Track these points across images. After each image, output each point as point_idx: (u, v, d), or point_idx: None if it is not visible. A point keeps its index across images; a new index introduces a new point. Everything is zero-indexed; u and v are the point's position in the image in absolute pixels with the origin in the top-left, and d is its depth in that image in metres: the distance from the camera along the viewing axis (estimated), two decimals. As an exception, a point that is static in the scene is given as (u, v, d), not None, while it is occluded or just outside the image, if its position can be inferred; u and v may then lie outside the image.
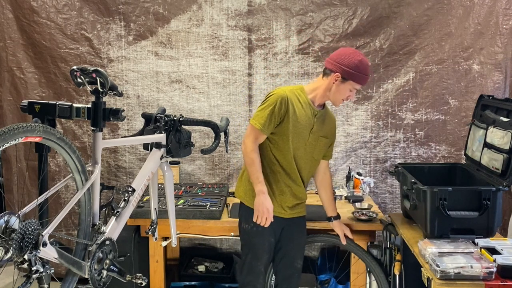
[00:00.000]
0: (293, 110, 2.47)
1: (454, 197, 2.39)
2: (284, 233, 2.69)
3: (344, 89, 2.47)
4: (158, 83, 3.77)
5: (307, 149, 2.57)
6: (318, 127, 2.58)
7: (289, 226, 2.69)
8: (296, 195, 2.63)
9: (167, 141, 2.18)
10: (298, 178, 2.60)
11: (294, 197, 2.62)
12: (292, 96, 2.50)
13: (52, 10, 3.66)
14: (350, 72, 2.43)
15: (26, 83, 3.73)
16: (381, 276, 2.87)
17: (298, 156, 2.57)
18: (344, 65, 2.43)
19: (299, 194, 2.64)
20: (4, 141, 1.26)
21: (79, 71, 1.66)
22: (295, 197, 2.63)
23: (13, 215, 1.35)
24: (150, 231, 2.32)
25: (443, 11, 3.54)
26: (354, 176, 3.58)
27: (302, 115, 2.50)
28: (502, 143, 2.53)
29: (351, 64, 2.43)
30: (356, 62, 2.43)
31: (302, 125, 2.51)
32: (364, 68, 2.45)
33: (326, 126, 2.64)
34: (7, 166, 3.83)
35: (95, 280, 1.72)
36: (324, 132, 2.63)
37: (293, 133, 2.50)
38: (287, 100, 2.46)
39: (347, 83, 2.45)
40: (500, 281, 2.07)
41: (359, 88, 2.54)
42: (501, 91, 3.56)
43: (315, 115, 2.55)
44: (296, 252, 2.74)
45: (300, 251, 2.77)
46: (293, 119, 2.47)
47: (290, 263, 2.73)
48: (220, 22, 3.69)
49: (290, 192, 2.61)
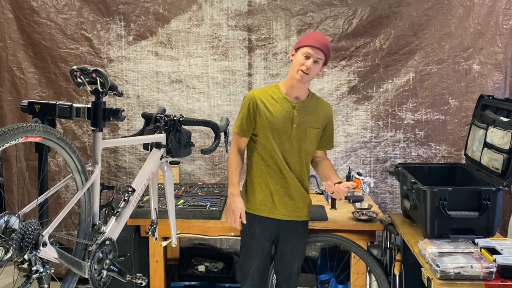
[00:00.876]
0: (264, 107, 2.52)
1: (454, 197, 2.39)
2: (281, 235, 2.65)
3: (298, 58, 2.45)
4: (158, 83, 3.77)
5: (293, 142, 2.53)
6: (301, 119, 2.53)
7: (287, 229, 2.64)
8: (291, 195, 2.59)
9: (167, 141, 2.18)
10: (289, 174, 2.56)
11: (289, 197, 2.59)
12: (262, 95, 2.56)
13: (52, 10, 3.66)
14: (298, 42, 2.51)
15: (26, 83, 3.73)
16: (381, 276, 2.87)
17: (285, 150, 2.54)
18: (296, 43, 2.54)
19: (294, 192, 2.59)
20: (4, 141, 1.26)
21: (79, 71, 1.65)
22: (290, 197, 2.59)
23: (13, 215, 1.35)
24: (150, 231, 2.32)
25: (443, 11, 3.54)
26: (354, 176, 3.57)
27: (278, 110, 2.51)
28: (502, 143, 2.53)
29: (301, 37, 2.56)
30: (305, 34, 2.55)
31: (279, 120, 2.51)
32: (309, 33, 2.53)
33: (313, 116, 2.57)
34: (7, 166, 3.83)
35: (95, 280, 1.72)
36: (312, 123, 2.56)
37: (272, 130, 2.51)
38: (255, 99, 2.54)
39: (298, 52, 2.46)
40: (500, 281, 2.07)
41: (312, 53, 2.41)
42: (501, 91, 3.56)
43: (294, 107, 2.53)
44: (294, 255, 2.69)
45: (298, 254, 2.71)
46: (267, 116, 2.50)
47: (287, 265, 2.70)
48: (220, 22, 3.69)
49: (283, 192, 2.58)
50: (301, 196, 2.63)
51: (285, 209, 2.60)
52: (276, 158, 2.54)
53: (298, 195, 2.61)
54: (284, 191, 2.58)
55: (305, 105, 2.56)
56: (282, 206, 2.59)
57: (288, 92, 2.55)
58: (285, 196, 2.59)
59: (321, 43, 2.42)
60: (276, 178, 2.57)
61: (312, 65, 2.41)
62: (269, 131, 2.51)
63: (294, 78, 2.47)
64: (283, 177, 2.56)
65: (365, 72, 3.66)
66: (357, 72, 3.66)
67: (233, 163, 2.61)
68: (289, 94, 2.55)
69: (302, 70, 2.42)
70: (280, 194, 2.58)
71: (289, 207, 2.60)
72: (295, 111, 2.52)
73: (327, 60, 2.50)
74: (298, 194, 2.61)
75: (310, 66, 2.41)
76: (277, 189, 2.57)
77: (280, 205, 2.59)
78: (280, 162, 2.54)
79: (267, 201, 2.58)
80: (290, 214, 2.61)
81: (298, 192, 2.61)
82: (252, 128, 2.56)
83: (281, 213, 2.60)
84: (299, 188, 2.60)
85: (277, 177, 2.57)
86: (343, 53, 3.65)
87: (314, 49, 2.41)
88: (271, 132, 2.52)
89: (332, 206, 3.30)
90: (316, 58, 2.42)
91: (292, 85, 2.52)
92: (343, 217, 3.12)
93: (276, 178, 2.57)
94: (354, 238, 3.01)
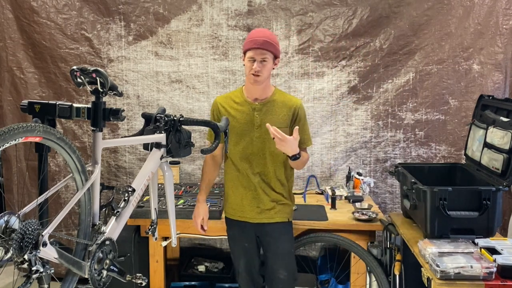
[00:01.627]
0: (225, 112, 2.55)
1: (454, 197, 2.39)
2: (262, 241, 2.65)
3: (246, 63, 2.47)
4: (158, 83, 3.77)
5: (257, 145, 2.53)
6: (263, 120, 2.50)
7: (266, 233, 2.62)
8: (259, 198, 2.57)
9: (167, 141, 2.17)
10: (256, 178, 2.55)
11: (257, 200, 2.57)
12: (224, 100, 2.61)
13: (52, 10, 3.66)
14: (243, 46, 2.51)
15: (26, 83, 3.73)
16: (381, 276, 2.87)
17: (250, 153, 2.55)
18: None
19: (263, 195, 2.57)
20: (4, 141, 1.26)
21: (79, 71, 1.65)
22: (258, 200, 2.57)
23: (13, 215, 1.35)
24: (150, 231, 2.31)
25: (443, 11, 3.54)
26: (354, 176, 3.58)
27: (239, 114, 2.54)
28: (502, 143, 2.53)
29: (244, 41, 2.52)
30: (247, 36, 2.51)
31: (241, 123, 2.53)
32: (249, 35, 2.49)
33: (276, 116, 2.53)
34: (7, 166, 3.83)
35: (95, 280, 1.71)
36: (275, 122, 2.47)
37: (234, 134, 2.53)
38: (217, 105, 2.61)
39: (246, 56, 2.46)
40: (500, 281, 2.07)
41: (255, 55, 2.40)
42: (501, 91, 3.56)
43: (254, 108, 2.54)
44: (277, 262, 2.62)
45: (282, 261, 2.63)
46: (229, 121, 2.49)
47: (272, 273, 2.65)
48: (220, 22, 3.69)
49: (251, 195, 2.58)
50: (271, 198, 2.59)
51: (254, 212, 2.59)
52: (243, 162, 2.56)
53: (266, 198, 2.58)
54: (252, 194, 2.58)
55: (267, 105, 2.55)
56: (251, 210, 2.59)
57: (249, 94, 2.57)
58: (253, 200, 2.58)
59: (260, 43, 2.39)
60: (243, 181, 2.59)
61: (260, 66, 2.41)
62: (233, 135, 2.52)
63: (249, 82, 2.49)
64: (249, 180, 2.57)
65: (365, 72, 3.66)
66: (357, 72, 3.66)
67: (203, 170, 2.73)
68: (250, 96, 2.57)
69: (253, 74, 2.42)
70: (248, 197, 2.59)
71: (258, 210, 2.59)
72: (255, 113, 2.53)
73: (276, 53, 2.46)
74: (266, 197, 2.58)
75: (258, 68, 2.40)
76: (245, 192, 2.59)
77: (249, 208, 2.59)
78: (247, 165, 2.56)
79: (237, 204, 2.62)
80: (260, 216, 2.60)
81: (267, 195, 2.58)
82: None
83: (251, 217, 2.61)
84: (268, 190, 2.58)
85: (245, 181, 2.59)
86: (343, 53, 3.65)
87: (256, 51, 2.40)
88: (234, 136, 2.53)
89: (332, 206, 3.30)
90: (261, 59, 2.41)
91: (250, 89, 2.55)
92: (343, 217, 3.12)
93: (244, 181, 2.59)
94: (354, 238, 3.01)
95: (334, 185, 3.76)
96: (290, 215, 2.67)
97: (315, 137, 3.73)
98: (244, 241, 2.66)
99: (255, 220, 2.60)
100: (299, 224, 2.99)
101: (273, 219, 2.61)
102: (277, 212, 2.61)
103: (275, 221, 2.61)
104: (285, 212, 2.64)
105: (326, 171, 3.79)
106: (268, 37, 2.43)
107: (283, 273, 2.63)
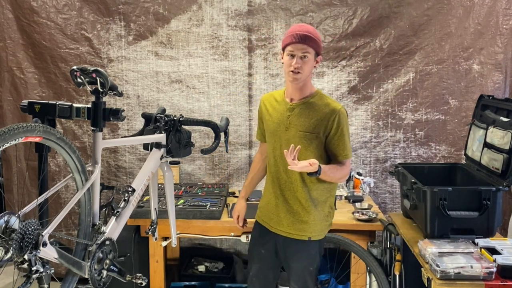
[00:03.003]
0: (266, 110, 2.46)
1: (454, 197, 2.39)
2: (280, 252, 2.45)
3: (285, 59, 2.28)
4: (158, 83, 3.77)
5: (285, 147, 2.24)
6: (294, 121, 2.32)
7: (286, 246, 2.41)
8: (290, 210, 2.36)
9: (167, 141, 2.18)
10: (287, 185, 2.36)
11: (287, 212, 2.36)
12: (269, 97, 2.49)
13: (52, 10, 3.66)
14: (282, 41, 2.33)
15: (26, 83, 3.73)
16: (381, 276, 2.87)
17: (279, 156, 2.36)
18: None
19: (294, 206, 2.34)
20: (4, 141, 1.26)
21: (79, 71, 1.65)
22: (289, 212, 2.36)
23: (13, 215, 1.35)
24: (150, 231, 2.32)
25: (443, 11, 3.54)
26: (354, 176, 3.58)
27: (275, 113, 2.40)
28: (502, 143, 2.53)
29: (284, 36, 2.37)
30: (287, 31, 2.34)
31: (275, 123, 2.38)
32: (289, 30, 2.31)
33: (308, 119, 2.30)
34: (7, 166, 3.83)
35: (95, 280, 1.72)
36: (304, 126, 2.29)
37: (269, 133, 2.42)
38: (262, 102, 2.50)
39: (284, 53, 2.29)
40: (500, 281, 2.07)
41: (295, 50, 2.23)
42: (501, 91, 3.56)
43: (288, 109, 2.35)
44: (292, 275, 2.45)
45: (296, 276, 2.43)
46: (267, 119, 2.45)
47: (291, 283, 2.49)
48: (220, 22, 3.69)
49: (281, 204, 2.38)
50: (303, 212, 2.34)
51: (282, 225, 2.39)
52: (272, 164, 2.42)
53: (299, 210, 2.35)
54: (275, 201, 2.40)
55: (301, 107, 2.33)
56: (280, 221, 2.39)
57: (287, 94, 2.40)
58: (283, 212, 2.38)
59: (301, 37, 2.22)
60: (271, 185, 2.43)
61: (300, 63, 2.22)
62: (268, 134, 2.44)
63: (288, 80, 2.31)
64: (275, 185, 2.40)
65: (365, 72, 3.66)
66: (357, 72, 3.66)
67: (251, 167, 2.65)
68: (287, 96, 2.39)
69: (292, 71, 2.24)
70: (272, 203, 2.42)
71: (289, 223, 2.37)
72: (288, 113, 2.35)
73: (318, 49, 2.28)
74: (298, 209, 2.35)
75: (298, 65, 2.22)
76: (271, 197, 2.43)
77: (276, 219, 2.40)
78: (275, 168, 2.40)
79: (263, 207, 2.50)
80: (288, 231, 2.38)
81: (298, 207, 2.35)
82: (263, 132, 2.52)
83: (276, 229, 2.42)
84: (301, 202, 2.34)
85: (272, 185, 2.43)
86: (343, 53, 3.65)
87: (296, 45, 2.22)
88: (269, 135, 2.44)
89: (332, 206, 3.30)
90: (302, 54, 2.23)
91: (289, 87, 2.37)
92: (343, 217, 3.11)
93: (271, 185, 2.43)
94: (354, 238, 3.01)
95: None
96: (312, 233, 2.37)
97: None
98: (260, 246, 2.50)
99: (279, 232, 2.41)
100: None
101: (301, 236, 2.36)
102: (308, 229, 2.36)
103: (303, 238, 2.37)
104: (314, 230, 2.37)
105: (326, 171, 3.78)
106: (311, 32, 2.25)
107: (295, 286, 2.47)
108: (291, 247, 2.40)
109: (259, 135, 2.59)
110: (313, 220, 2.36)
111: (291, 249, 2.40)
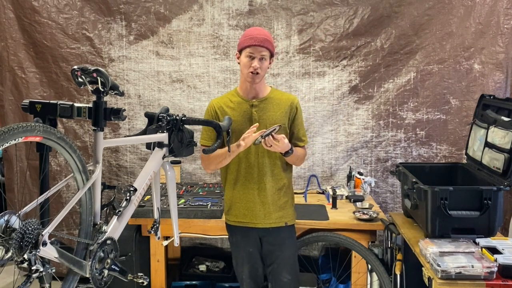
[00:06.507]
0: (223, 112, 2.53)
1: (455, 197, 2.39)
2: (264, 246, 2.60)
3: (243, 61, 2.44)
4: (159, 83, 3.77)
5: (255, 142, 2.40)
6: (263, 116, 2.51)
7: (269, 238, 2.57)
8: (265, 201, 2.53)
9: (169, 141, 2.18)
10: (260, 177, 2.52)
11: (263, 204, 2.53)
12: (220, 101, 2.58)
13: (53, 9, 3.66)
14: (239, 43, 2.48)
15: (27, 83, 3.74)
16: (384, 275, 2.87)
17: (250, 152, 2.50)
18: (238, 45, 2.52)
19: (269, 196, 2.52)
20: (4, 141, 1.26)
21: (80, 71, 1.65)
22: (264, 203, 2.53)
23: (14, 215, 1.35)
24: (152, 230, 2.32)
25: (444, 10, 3.54)
26: (355, 176, 3.58)
27: (237, 113, 2.52)
28: (503, 143, 2.52)
29: (240, 38, 2.51)
30: (243, 34, 2.49)
31: (239, 122, 2.51)
32: (246, 33, 2.47)
33: (274, 113, 2.52)
34: (8, 166, 3.84)
35: (96, 280, 1.72)
36: (273, 119, 2.50)
37: (236, 133, 2.47)
38: (212, 107, 2.57)
39: (242, 55, 2.45)
40: (501, 281, 2.07)
41: (255, 52, 2.39)
42: (502, 90, 3.56)
43: (252, 105, 2.52)
44: (280, 266, 2.60)
45: (285, 265, 2.60)
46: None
47: (277, 276, 2.62)
48: (221, 22, 3.69)
49: (255, 197, 2.53)
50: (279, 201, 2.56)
51: (263, 218, 2.54)
52: (244, 161, 2.52)
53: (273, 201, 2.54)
54: (258, 197, 2.53)
55: (264, 102, 2.54)
56: (259, 215, 2.54)
57: (245, 94, 2.55)
58: (260, 205, 2.53)
59: (260, 40, 2.40)
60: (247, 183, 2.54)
61: (259, 64, 2.41)
62: (235, 135, 2.47)
63: (246, 80, 2.48)
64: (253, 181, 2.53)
65: (366, 72, 3.66)
66: (358, 71, 3.66)
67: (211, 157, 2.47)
68: (246, 96, 2.55)
69: (251, 72, 2.42)
70: (243, 201, 2.55)
71: (268, 214, 2.54)
72: (253, 110, 2.52)
73: (273, 51, 2.47)
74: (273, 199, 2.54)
75: (258, 66, 2.40)
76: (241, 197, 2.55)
77: (256, 214, 2.54)
78: (247, 164, 2.52)
79: (235, 211, 2.58)
80: (269, 222, 2.55)
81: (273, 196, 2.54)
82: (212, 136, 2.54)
83: (258, 223, 2.55)
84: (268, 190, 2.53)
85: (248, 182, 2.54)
86: (344, 53, 3.65)
87: (256, 48, 2.39)
88: (235, 136, 2.47)
89: (333, 205, 3.31)
90: (260, 56, 2.41)
91: (247, 87, 2.52)
92: (344, 217, 3.12)
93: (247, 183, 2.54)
94: (355, 237, 3.01)
95: (335, 185, 3.76)
96: (288, 218, 2.60)
97: (316, 136, 3.73)
98: (248, 246, 2.60)
99: (260, 225, 2.55)
100: (300, 223, 2.99)
101: (280, 223, 2.56)
102: (287, 215, 2.58)
103: (282, 225, 2.57)
104: (286, 214, 2.59)
105: (327, 171, 3.79)
106: (267, 35, 2.45)
107: (287, 276, 2.60)
108: (279, 236, 2.57)
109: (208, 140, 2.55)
110: (289, 205, 2.61)
111: (278, 238, 2.57)
